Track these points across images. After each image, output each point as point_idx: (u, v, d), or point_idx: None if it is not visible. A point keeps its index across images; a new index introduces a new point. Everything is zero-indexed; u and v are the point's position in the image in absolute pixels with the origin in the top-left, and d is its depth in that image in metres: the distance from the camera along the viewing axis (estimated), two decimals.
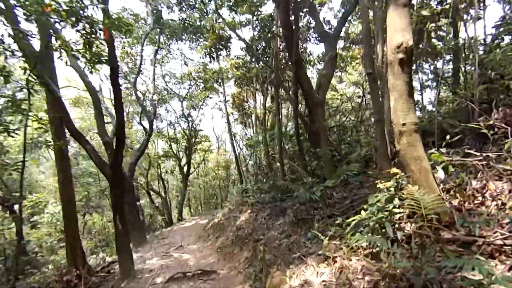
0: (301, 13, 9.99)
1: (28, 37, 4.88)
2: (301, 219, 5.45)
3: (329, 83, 8.19)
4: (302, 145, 7.18)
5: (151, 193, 18.83)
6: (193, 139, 19.77)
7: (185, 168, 19.71)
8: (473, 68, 5.60)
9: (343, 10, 10.23)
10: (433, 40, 7.38)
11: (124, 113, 12.36)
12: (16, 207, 7.40)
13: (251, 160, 18.06)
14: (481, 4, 6.18)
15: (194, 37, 15.92)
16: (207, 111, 27.24)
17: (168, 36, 15.37)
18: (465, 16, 6.62)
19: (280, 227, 6.07)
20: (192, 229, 13.22)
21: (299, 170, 7.57)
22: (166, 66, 21.87)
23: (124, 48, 13.91)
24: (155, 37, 13.90)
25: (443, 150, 4.02)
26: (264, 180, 10.67)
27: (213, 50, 17.49)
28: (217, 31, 15.12)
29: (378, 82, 5.12)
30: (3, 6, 4.67)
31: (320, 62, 12.86)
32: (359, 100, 12.71)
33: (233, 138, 15.86)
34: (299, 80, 6.70)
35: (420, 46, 7.09)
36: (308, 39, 12.14)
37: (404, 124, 3.38)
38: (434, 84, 9.23)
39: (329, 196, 5.35)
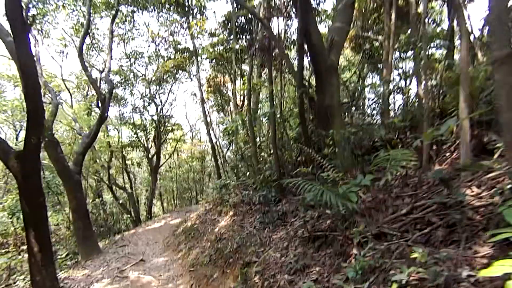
0: None
1: None
2: (319, 236, 3.49)
3: (344, 42, 6.20)
4: (306, 126, 5.21)
5: (115, 188, 16.18)
6: (163, 127, 17.25)
7: (154, 160, 17.20)
8: None
9: None
10: None
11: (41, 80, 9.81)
12: None
13: (230, 151, 15.96)
14: None
15: (161, 6, 13.38)
16: (179, 97, 24.50)
17: (130, 2, 12.71)
18: None
19: (281, 243, 4.08)
20: (161, 231, 10.97)
21: (311, 159, 5.50)
22: (131, 43, 19.04)
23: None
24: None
25: None
26: (248, 173, 8.65)
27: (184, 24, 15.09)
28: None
29: None
30: None
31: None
32: None
33: (209, 125, 13.62)
34: (307, 28, 4.64)
35: None
36: None
37: None
38: None
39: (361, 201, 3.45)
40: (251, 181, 8.00)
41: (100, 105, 8.47)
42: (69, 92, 14.47)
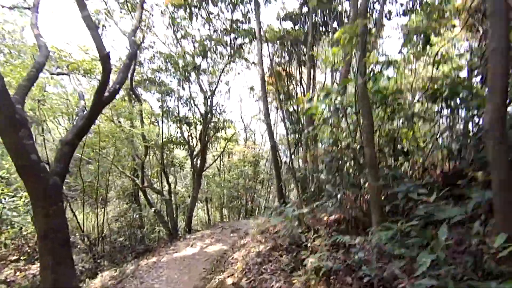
0: None
1: None
2: None
3: None
4: None
5: (150, 192, 13.14)
6: (211, 123, 13.81)
7: (199, 161, 13.81)
8: None
9: None
10: None
11: None
12: None
13: (297, 156, 11.61)
14: None
15: None
16: (233, 90, 21.06)
17: None
18: None
19: None
20: (190, 267, 7.17)
21: None
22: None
23: None
24: None
25: None
26: (351, 195, 4.38)
27: None
28: None
29: None
30: None
31: None
32: None
33: (269, 118, 9.42)
34: None
35: None
36: None
37: None
38: None
39: None
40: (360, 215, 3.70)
41: (102, 67, 5.00)
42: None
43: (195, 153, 13.62)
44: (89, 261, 9.14)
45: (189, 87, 12.74)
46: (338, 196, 4.78)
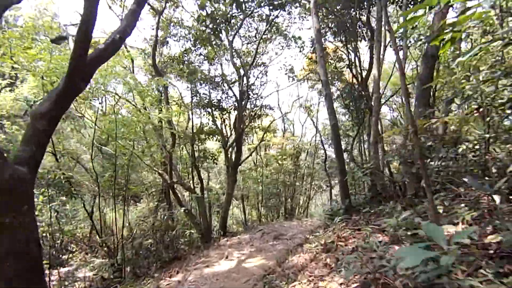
0: None
1: None
2: None
3: None
4: None
5: (181, 190, 11.48)
6: (247, 109, 11.77)
7: (234, 154, 11.87)
8: None
9: None
10: None
11: None
12: None
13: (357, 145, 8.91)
14: None
15: None
16: (270, 75, 18.85)
17: None
18: None
19: None
20: None
21: None
22: None
23: None
24: None
25: None
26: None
27: None
28: None
29: None
30: None
31: None
32: None
33: (328, 87, 6.96)
34: None
35: None
36: None
37: None
38: None
39: None
40: None
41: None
42: None
43: (229, 143, 11.67)
44: (108, 269, 7.57)
45: (221, 64, 10.76)
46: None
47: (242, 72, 10.75)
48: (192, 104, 11.74)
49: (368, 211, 5.38)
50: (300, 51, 12.77)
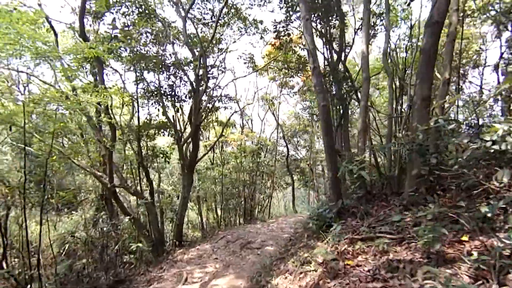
0: None
1: None
2: None
3: None
4: None
5: (125, 194, 9.44)
6: (203, 102, 10.19)
7: (189, 151, 10.22)
8: None
9: None
10: None
11: None
12: None
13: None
14: None
15: None
16: (229, 63, 17.47)
17: None
18: None
19: None
20: None
21: None
22: None
23: None
24: None
25: None
26: None
27: None
28: None
29: None
30: None
31: None
32: None
33: (316, 55, 5.71)
34: None
35: None
36: None
37: None
38: None
39: None
40: None
41: None
42: None
43: (183, 139, 9.98)
44: None
45: (173, 44, 9.02)
46: None
47: (197, 54, 9.14)
48: (138, 92, 9.77)
49: (364, 213, 4.38)
50: (261, 37, 11.62)
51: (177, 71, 9.18)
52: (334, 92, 7.91)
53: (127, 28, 9.15)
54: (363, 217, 4.29)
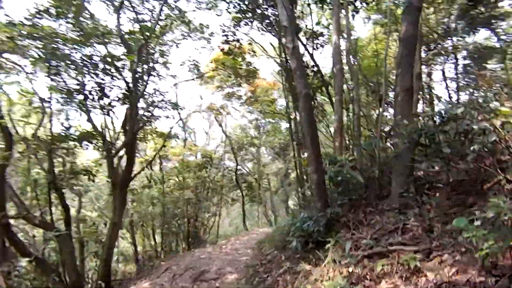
0: None
1: None
2: None
3: None
4: None
5: (25, 226, 6.97)
6: (142, 110, 8.54)
7: (121, 167, 8.31)
8: None
9: None
10: None
11: None
12: None
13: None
14: None
15: None
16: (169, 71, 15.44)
17: None
18: None
19: None
20: None
21: None
22: None
23: None
24: None
25: None
26: None
27: None
28: None
29: None
30: None
31: None
32: None
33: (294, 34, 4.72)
34: None
35: None
36: None
37: None
38: None
39: None
40: None
41: None
42: None
43: (114, 151, 8.06)
44: None
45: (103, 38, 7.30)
46: None
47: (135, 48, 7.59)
48: (51, 94, 7.64)
49: (357, 222, 3.59)
50: (208, 42, 10.65)
51: (109, 67, 7.41)
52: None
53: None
54: (357, 227, 3.48)
